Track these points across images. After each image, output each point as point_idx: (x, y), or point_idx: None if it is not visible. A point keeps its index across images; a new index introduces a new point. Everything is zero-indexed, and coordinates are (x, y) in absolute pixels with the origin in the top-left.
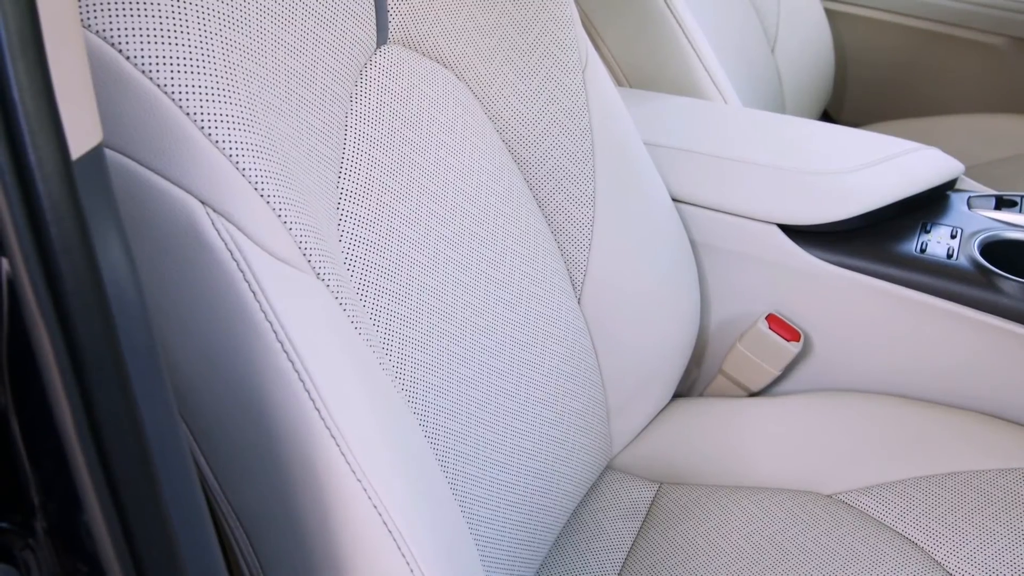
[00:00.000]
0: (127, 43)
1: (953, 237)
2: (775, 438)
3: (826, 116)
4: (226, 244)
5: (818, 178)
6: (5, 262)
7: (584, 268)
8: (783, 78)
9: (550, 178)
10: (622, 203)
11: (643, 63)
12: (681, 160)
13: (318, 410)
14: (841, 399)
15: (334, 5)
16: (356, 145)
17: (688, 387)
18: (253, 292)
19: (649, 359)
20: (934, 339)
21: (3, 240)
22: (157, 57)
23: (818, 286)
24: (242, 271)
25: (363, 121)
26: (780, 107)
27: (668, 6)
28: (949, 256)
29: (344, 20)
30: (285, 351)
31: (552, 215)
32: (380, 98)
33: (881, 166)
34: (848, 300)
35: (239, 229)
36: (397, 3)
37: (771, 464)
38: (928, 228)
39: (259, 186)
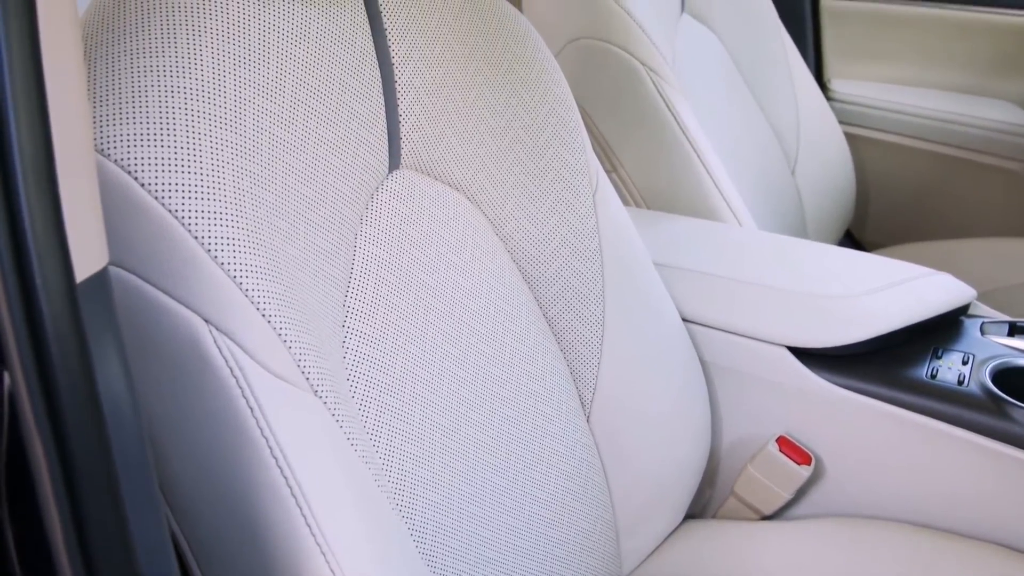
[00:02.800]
0: (142, 171)
1: (965, 363)
2: (787, 567)
3: (849, 237)
4: (227, 361)
5: (828, 301)
6: (7, 375)
7: (593, 386)
8: (804, 200)
9: (560, 298)
10: (632, 323)
11: (658, 185)
12: (692, 281)
13: (308, 526)
14: (853, 527)
15: (346, 133)
16: (364, 265)
17: (701, 508)
18: (251, 408)
19: (660, 478)
20: (945, 466)
21: (5, 354)
22: (170, 184)
23: (828, 409)
24: (241, 387)
25: (372, 242)
26: (801, 228)
27: (682, 130)
28: (960, 382)
29: (356, 147)
30: (279, 466)
31: (562, 334)
32: (390, 220)
33: (891, 291)
34: (858, 424)
35: (240, 347)
36: (410, 131)
37: None
38: (940, 354)
39: (261, 306)
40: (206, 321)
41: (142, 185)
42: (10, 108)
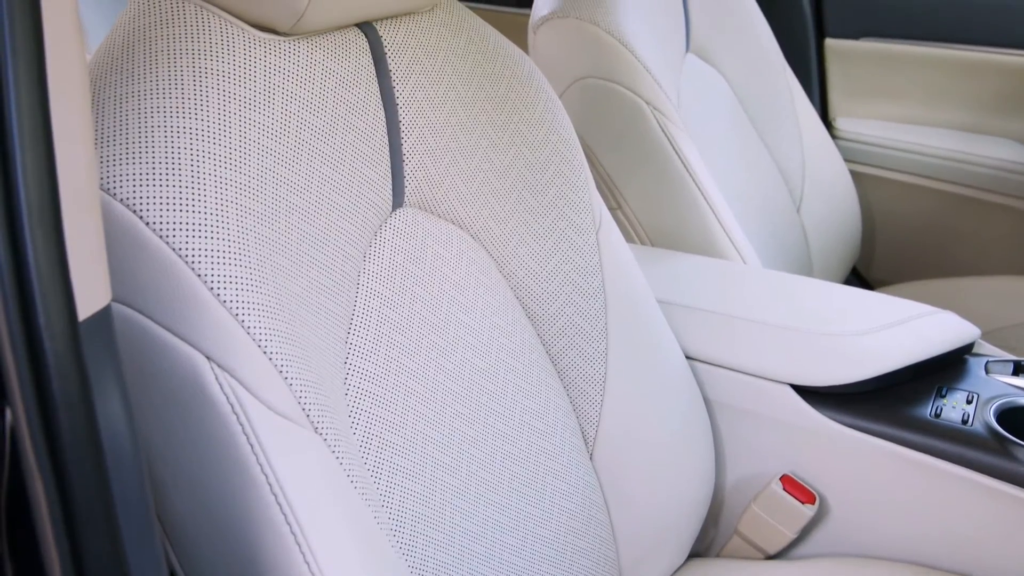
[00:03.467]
0: (147, 210)
1: (969, 402)
2: None
3: (855, 274)
4: (228, 398)
5: (831, 340)
6: (9, 411)
7: (596, 423)
8: (809, 237)
9: (563, 335)
10: (634, 360)
11: (662, 223)
12: (695, 318)
13: (307, 563)
14: (857, 567)
15: (350, 172)
16: (367, 302)
17: (705, 547)
18: (251, 444)
19: (663, 516)
20: (949, 505)
21: (7, 390)
22: (174, 223)
23: (832, 448)
24: (241, 424)
25: (375, 279)
26: (807, 265)
27: (686, 168)
28: (964, 422)
29: (360, 186)
30: (279, 503)
31: (564, 371)
32: (393, 258)
33: (895, 329)
34: (862, 463)
35: (241, 384)
36: (414, 170)
37: None
38: (944, 392)
39: (263, 344)
40: (208, 358)
41: (147, 224)
42: (17, 149)
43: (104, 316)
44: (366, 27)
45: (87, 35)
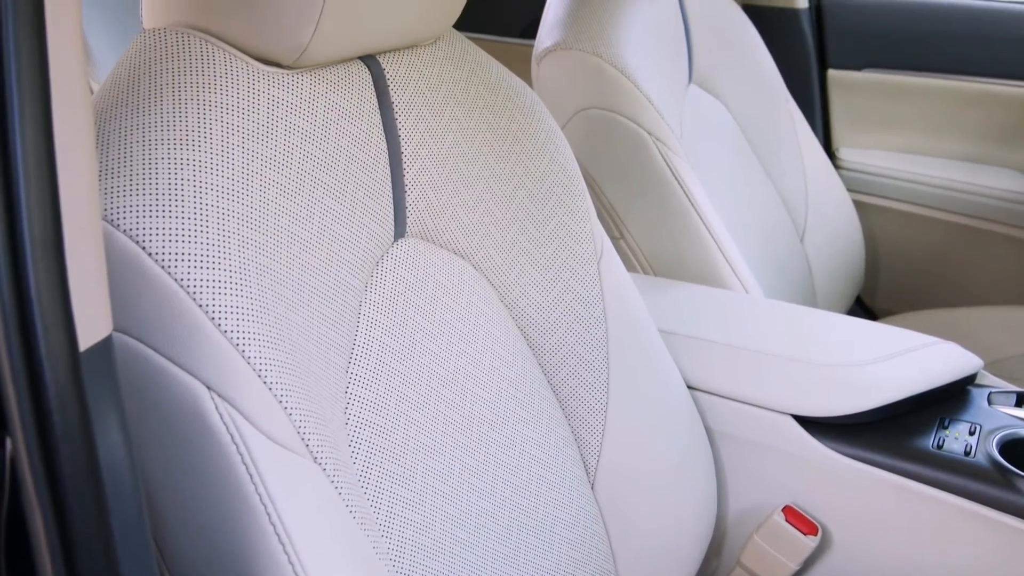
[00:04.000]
0: (150, 241)
1: (972, 434)
2: None
3: (859, 303)
4: (227, 428)
5: (833, 370)
6: (9, 441)
7: (598, 453)
8: (813, 267)
9: (564, 364)
10: (636, 390)
11: (665, 252)
12: (697, 348)
13: None
14: None
15: (352, 203)
16: (368, 332)
17: None
18: (250, 475)
19: (665, 548)
20: (952, 537)
21: (8, 420)
22: (176, 254)
23: (834, 479)
24: (241, 454)
25: (376, 309)
26: (810, 295)
27: (688, 199)
28: (967, 453)
29: (362, 217)
30: (277, 533)
31: (566, 401)
32: (395, 288)
33: (897, 360)
34: (865, 494)
35: (241, 414)
36: (415, 200)
37: None
38: (946, 424)
39: (263, 374)
40: (208, 388)
41: (150, 255)
42: (21, 181)
43: (105, 346)
44: (369, 60)
45: (97, 67)
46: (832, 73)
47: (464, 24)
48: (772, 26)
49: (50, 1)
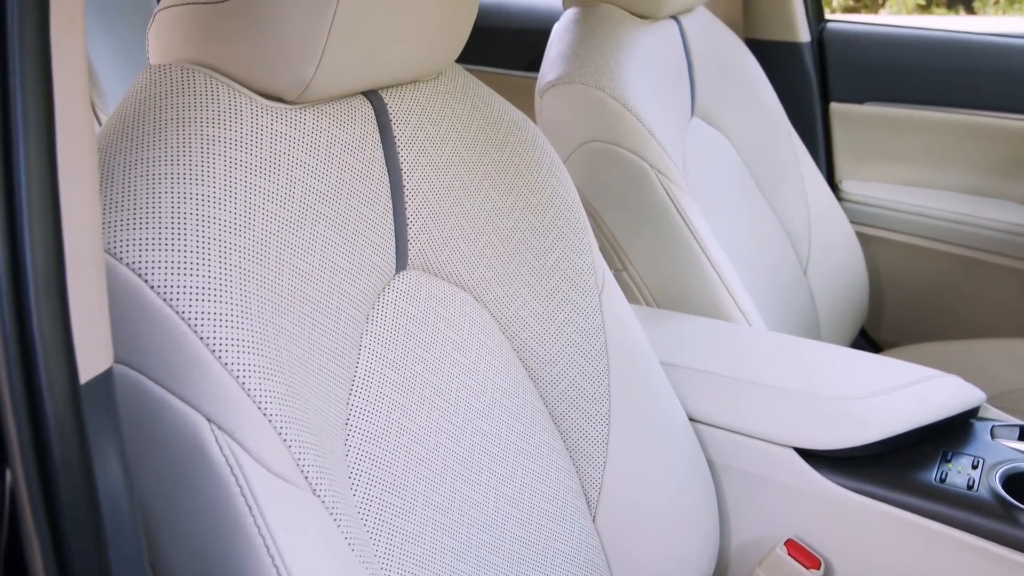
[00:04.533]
0: (153, 274)
1: (975, 467)
2: None
3: (864, 335)
4: (227, 459)
5: (835, 403)
6: (9, 473)
7: (599, 486)
8: (816, 299)
9: (565, 396)
10: (637, 422)
11: (667, 285)
12: (699, 380)
13: None
14: None
15: (354, 236)
16: (369, 364)
17: None
18: (249, 507)
19: None
20: (954, 572)
21: (8, 452)
22: (178, 287)
23: (836, 512)
24: (240, 486)
25: (377, 342)
26: (814, 327)
27: (691, 231)
28: (970, 487)
29: (363, 249)
30: (275, 565)
31: (567, 432)
32: (396, 320)
33: (899, 393)
34: (867, 527)
35: (240, 446)
36: (417, 233)
37: None
38: (949, 457)
39: (263, 406)
40: (208, 420)
41: (152, 288)
42: (25, 218)
43: (105, 379)
44: (371, 95)
45: (105, 98)
46: (834, 106)
47: (472, 57)
48: (774, 60)
49: (56, 37)
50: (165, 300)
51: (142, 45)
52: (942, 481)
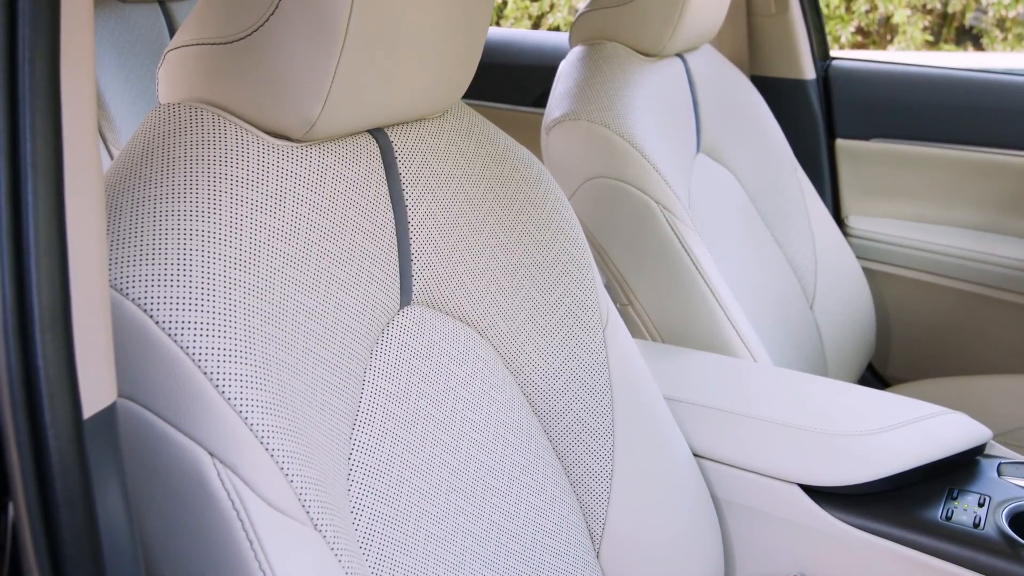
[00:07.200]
0: (157, 309)
1: (981, 505)
2: None
3: (871, 371)
4: (228, 494)
5: (840, 439)
6: (11, 507)
7: (603, 521)
8: (823, 335)
9: (569, 431)
10: (641, 457)
11: (673, 320)
12: (703, 416)
13: None
14: None
15: (359, 272)
16: (372, 399)
17: None
18: (250, 541)
19: None
20: None
21: (11, 486)
22: (183, 322)
23: (842, 549)
24: (241, 520)
25: (381, 376)
26: (821, 363)
27: (696, 267)
28: (976, 525)
29: (368, 285)
30: None
31: (571, 467)
32: (400, 355)
33: (904, 429)
34: (872, 565)
35: (242, 480)
36: (422, 269)
37: None
38: (955, 495)
39: (265, 440)
40: (211, 454)
41: (157, 323)
42: (32, 252)
43: (108, 414)
44: (377, 132)
45: (118, 133)
46: (840, 143)
47: (481, 93)
48: (780, 97)
49: (66, 78)
50: (170, 335)
51: (153, 80)
52: (948, 519)
